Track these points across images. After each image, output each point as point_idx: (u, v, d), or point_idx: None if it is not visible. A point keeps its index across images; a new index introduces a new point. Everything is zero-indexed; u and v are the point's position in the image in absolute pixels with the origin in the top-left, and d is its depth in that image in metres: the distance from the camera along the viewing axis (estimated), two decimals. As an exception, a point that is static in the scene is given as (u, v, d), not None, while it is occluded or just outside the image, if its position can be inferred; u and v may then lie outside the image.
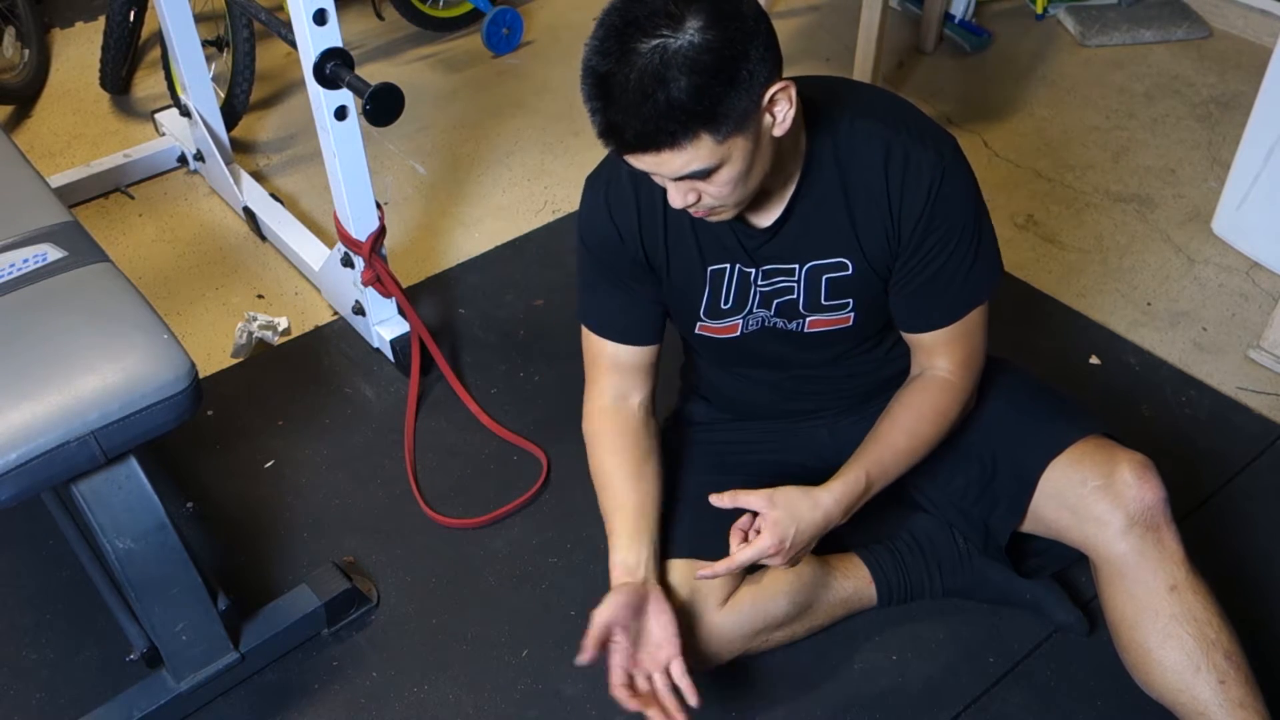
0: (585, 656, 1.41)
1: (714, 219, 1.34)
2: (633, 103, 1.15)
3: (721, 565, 1.41)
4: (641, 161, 1.21)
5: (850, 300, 1.45)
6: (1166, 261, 2.44)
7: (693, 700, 1.40)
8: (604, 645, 1.42)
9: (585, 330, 1.54)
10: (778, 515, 1.38)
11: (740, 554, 1.39)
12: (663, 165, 1.20)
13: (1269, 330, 2.16)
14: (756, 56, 1.17)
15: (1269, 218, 2.36)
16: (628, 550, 1.46)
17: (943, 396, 1.47)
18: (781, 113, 1.23)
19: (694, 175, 1.22)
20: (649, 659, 1.42)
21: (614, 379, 1.54)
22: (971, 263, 1.40)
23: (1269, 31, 3.12)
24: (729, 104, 1.16)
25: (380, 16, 3.27)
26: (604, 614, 1.41)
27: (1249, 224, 2.42)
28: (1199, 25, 3.23)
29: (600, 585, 1.47)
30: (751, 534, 1.41)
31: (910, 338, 1.49)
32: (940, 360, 1.47)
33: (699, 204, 1.28)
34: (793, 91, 1.22)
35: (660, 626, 1.42)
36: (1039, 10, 3.32)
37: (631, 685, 1.41)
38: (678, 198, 1.27)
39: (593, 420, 1.54)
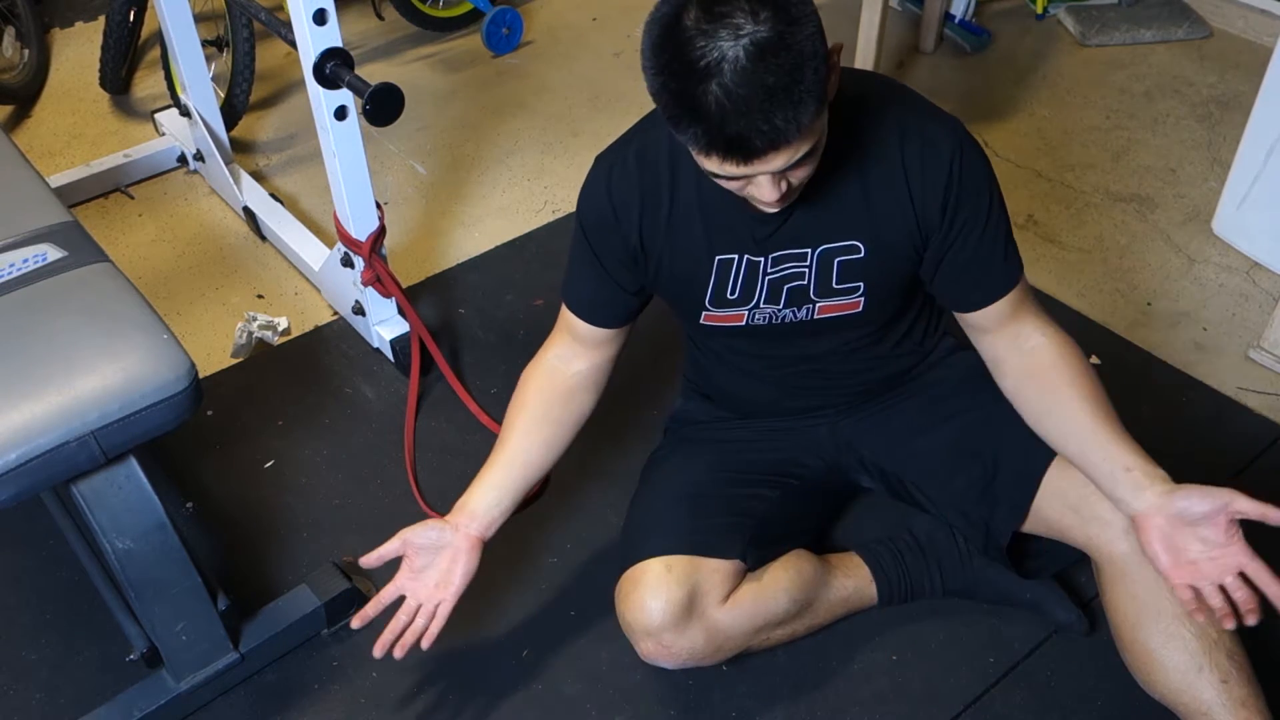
0: (370, 558, 1.48)
1: (784, 205, 1.28)
2: (758, 107, 1.10)
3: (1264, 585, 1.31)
4: (754, 167, 1.16)
5: (861, 284, 1.44)
6: (1166, 261, 2.44)
7: (425, 644, 1.48)
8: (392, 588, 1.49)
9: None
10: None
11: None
12: (771, 162, 1.16)
13: (1269, 330, 2.16)
14: (820, 26, 1.13)
15: (1269, 218, 2.36)
16: (478, 495, 1.51)
17: (1071, 357, 1.44)
18: (834, 76, 1.22)
19: (796, 163, 1.18)
20: (424, 590, 1.49)
21: (565, 341, 1.57)
22: (1006, 228, 1.42)
23: (1269, 31, 3.12)
24: (828, 83, 1.15)
25: (380, 16, 3.27)
26: (407, 533, 1.48)
27: (1249, 224, 2.42)
28: (1199, 25, 3.23)
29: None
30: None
31: (979, 317, 1.46)
32: (1025, 325, 1.45)
33: (789, 191, 1.24)
34: (838, 55, 1.19)
35: (451, 572, 1.49)
36: (1039, 10, 3.32)
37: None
38: (773, 192, 1.21)
39: (528, 369, 1.59)
